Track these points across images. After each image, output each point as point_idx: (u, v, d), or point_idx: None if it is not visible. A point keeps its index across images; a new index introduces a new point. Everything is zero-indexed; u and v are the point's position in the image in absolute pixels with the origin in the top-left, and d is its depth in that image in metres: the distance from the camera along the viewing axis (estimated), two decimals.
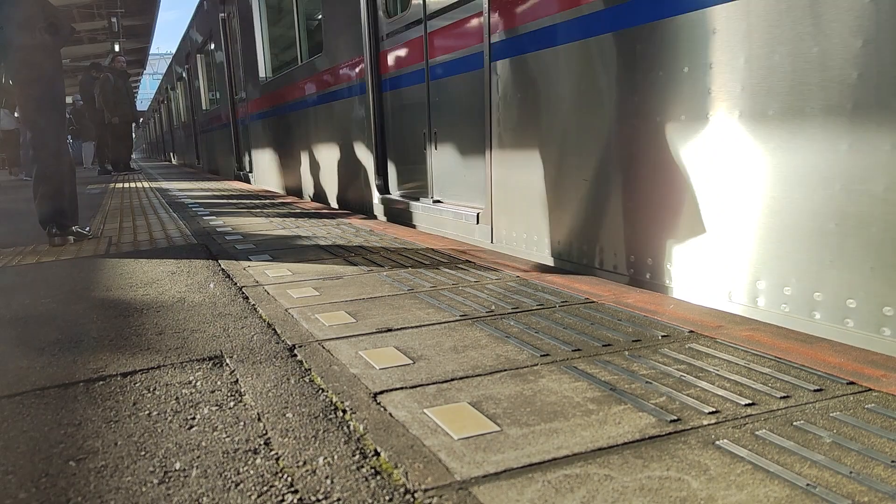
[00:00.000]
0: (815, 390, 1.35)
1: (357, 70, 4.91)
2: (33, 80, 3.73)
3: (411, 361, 1.61)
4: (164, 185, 9.34)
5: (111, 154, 13.11)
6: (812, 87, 1.80)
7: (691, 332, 1.76)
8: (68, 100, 15.91)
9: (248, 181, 9.61)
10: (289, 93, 6.89)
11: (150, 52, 31.17)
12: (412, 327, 1.90)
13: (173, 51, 21.35)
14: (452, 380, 1.48)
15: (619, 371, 1.50)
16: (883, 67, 1.63)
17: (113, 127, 12.50)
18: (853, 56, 1.69)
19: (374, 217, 4.83)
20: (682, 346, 1.65)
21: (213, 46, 11.23)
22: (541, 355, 1.62)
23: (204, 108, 13.41)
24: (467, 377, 1.50)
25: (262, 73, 8.11)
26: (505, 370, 1.53)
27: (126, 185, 9.50)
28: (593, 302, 2.10)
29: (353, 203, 5.37)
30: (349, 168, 5.34)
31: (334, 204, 5.91)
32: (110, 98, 12.23)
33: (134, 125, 14.35)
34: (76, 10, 20.32)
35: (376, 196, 4.81)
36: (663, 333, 1.75)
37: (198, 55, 13.29)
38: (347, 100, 5.20)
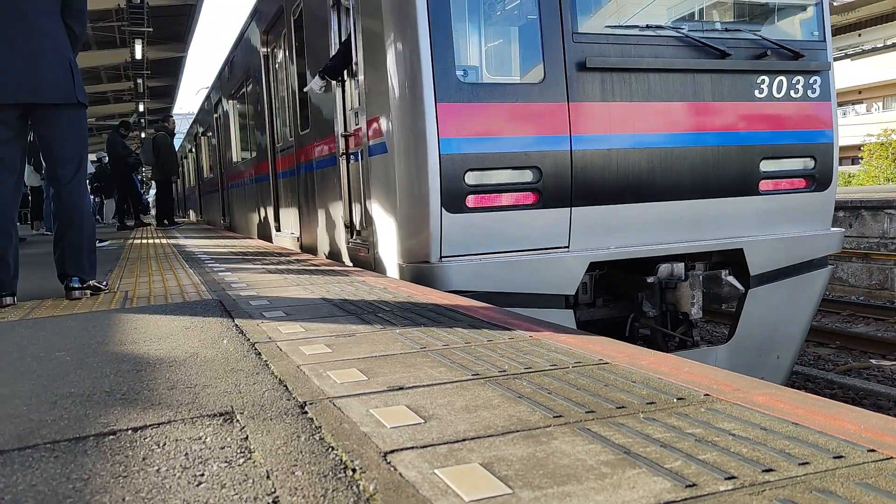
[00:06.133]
0: (834, 457, 1.32)
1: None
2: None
3: (423, 420, 1.60)
4: (182, 241, 9.46)
5: (158, 210, 14.03)
6: None
7: (707, 395, 1.73)
8: (92, 157, 16.52)
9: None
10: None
11: (173, 112, 32.15)
12: (424, 386, 1.89)
13: (195, 111, 22.09)
14: (464, 440, 1.47)
15: (633, 434, 1.47)
16: None
17: (162, 184, 13.10)
18: None
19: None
20: (697, 409, 1.63)
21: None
22: (554, 416, 1.60)
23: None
24: (479, 437, 1.48)
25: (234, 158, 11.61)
26: (517, 431, 1.51)
27: (144, 241, 9.63)
28: (607, 363, 2.08)
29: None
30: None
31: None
32: (173, 155, 12.86)
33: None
34: (103, 71, 21.02)
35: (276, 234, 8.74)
36: (678, 396, 1.73)
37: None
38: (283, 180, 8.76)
